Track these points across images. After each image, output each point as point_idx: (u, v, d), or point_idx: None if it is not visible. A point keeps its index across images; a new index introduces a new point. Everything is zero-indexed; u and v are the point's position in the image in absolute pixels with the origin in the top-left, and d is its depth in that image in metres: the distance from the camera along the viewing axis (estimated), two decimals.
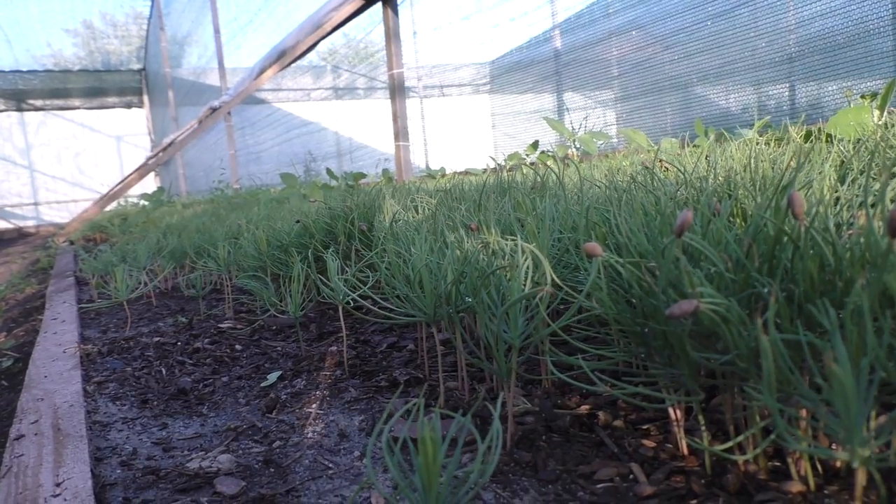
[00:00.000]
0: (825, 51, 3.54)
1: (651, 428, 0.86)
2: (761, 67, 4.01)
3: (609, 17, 5.41)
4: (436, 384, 1.11)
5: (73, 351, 1.50)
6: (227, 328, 1.70)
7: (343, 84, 10.68)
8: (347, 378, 1.20)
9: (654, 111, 5.06)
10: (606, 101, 5.68)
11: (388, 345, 1.39)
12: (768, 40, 3.92)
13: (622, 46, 5.27)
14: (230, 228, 2.56)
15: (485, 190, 1.73)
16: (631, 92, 5.33)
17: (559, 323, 0.73)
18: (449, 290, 0.90)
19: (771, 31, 3.90)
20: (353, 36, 9.08)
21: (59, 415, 1.05)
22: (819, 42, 3.59)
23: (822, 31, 3.56)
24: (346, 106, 10.64)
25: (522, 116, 7.35)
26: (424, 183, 3.63)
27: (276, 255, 1.80)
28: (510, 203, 1.13)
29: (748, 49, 4.07)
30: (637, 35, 5.14)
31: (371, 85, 10.38)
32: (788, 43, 3.83)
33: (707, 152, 1.75)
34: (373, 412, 1.02)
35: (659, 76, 4.95)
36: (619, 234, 0.83)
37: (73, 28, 12.76)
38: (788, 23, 3.83)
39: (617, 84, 5.50)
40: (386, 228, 1.44)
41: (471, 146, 8.73)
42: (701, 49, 4.45)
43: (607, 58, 5.50)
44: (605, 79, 5.64)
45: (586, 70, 5.85)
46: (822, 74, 3.62)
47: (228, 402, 1.16)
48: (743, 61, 4.12)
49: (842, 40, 3.46)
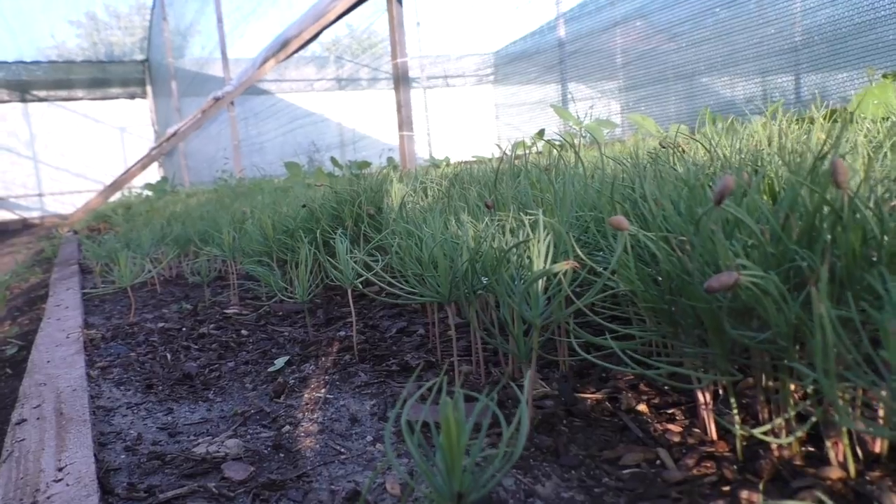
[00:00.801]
0: (832, 40, 3.49)
1: (676, 412, 0.83)
2: (767, 57, 3.96)
3: (613, 5, 5.36)
4: (449, 368, 1.08)
5: (76, 336, 1.47)
6: (233, 314, 1.67)
7: (346, 75, 10.64)
8: (357, 363, 1.16)
9: (658, 101, 5.02)
10: (611, 91, 5.64)
11: (398, 329, 1.35)
12: (774, 29, 3.88)
13: (627, 35, 5.23)
14: (234, 215, 2.52)
15: (499, 170, 1.69)
16: (635, 82, 5.29)
17: (584, 300, 0.69)
18: (465, 268, 0.86)
19: (777, 19, 3.86)
20: (356, 26, 9.02)
21: (61, 399, 1.02)
22: (825, 31, 3.53)
23: (828, 19, 3.51)
24: (349, 96, 10.60)
25: (526, 107, 7.29)
26: (429, 171, 3.59)
27: (283, 241, 1.77)
28: (526, 182, 1.09)
29: (754, 38, 4.03)
30: (642, 24, 5.10)
31: (374, 75, 10.34)
32: (794, 32, 3.79)
33: (722, 135, 1.71)
34: (384, 397, 0.98)
35: (663, 66, 4.91)
36: (644, 207, 0.79)
37: (76, 19, 12.71)
38: (794, 11, 3.78)
39: (622, 74, 5.46)
40: (395, 210, 1.41)
41: (474, 137, 8.68)
42: (706, 38, 4.41)
43: (612, 47, 5.46)
44: (610, 69, 5.59)
45: (591, 60, 5.81)
46: (828, 64, 3.57)
47: (235, 388, 1.13)
48: (748, 51, 4.08)
49: (849, 29, 3.40)
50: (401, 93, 4.44)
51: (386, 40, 8.67)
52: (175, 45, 10.94)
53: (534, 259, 0.73)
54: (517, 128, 7.51)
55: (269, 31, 8.49)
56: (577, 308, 0.70)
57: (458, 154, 6.01)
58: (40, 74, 12.15)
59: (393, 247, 1.21)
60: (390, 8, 4.38)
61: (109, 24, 13.74)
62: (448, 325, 1.24)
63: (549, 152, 4.12)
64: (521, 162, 1.87)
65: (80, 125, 12.51)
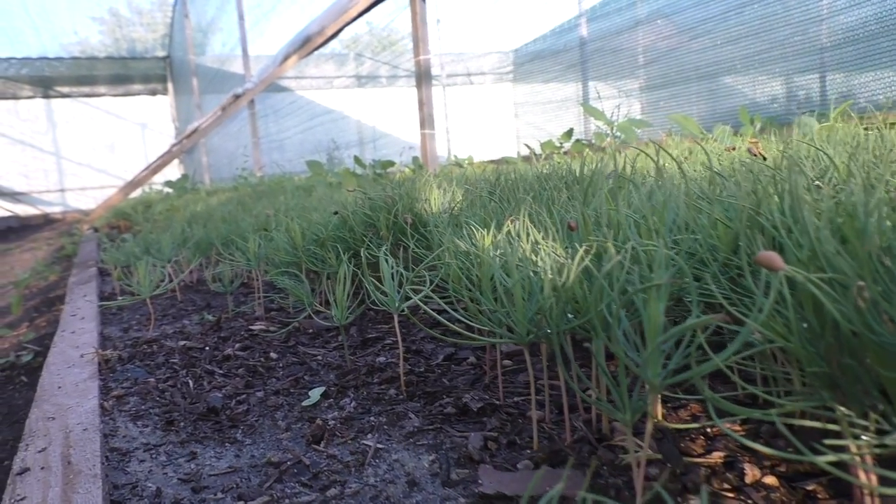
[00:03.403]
0: (859, 40, 3.36)
1: (817, 488, 0.67)
2: (791, 57, 3.84)
3: (635, 5, 5.27)
4: (513, 411, 0.93)
5: (90, 356, 1.35)
6: (259, 330, 1.53)
7: (365, 72, 10.57)
8: (405, 400, 1.02)
9: (679, 101, 4.97)
10: (631, 91, 5.55)
11: (445, 356, 1.21)
12: (799, 29, 3.77)
13: (649, 35, 5.14)
14: (258, 219, 2.40)
15: (543, 179, 1.53)
16: (657, 81, 5.20)
17: (723, 355, 0.54)
18: (548, 305, 0.71)
19: (802, 19, 3.74)
20: (376, 24, 8.94)
21: (70, 442, 0.89)
22: (853, 31, 3.39)
23: (856, 19, 3.37)
24: (369, 94, 10.53)
25: (546, 106, 7.17)
26: (453, 171, 3.43)
27: (312, 251, 1.63)
28: (603, 195, 0.93)
29: (778, 39, 3.93)
30: (664, 23, 5.00)
31: (394, 73, 10.25)
32: (820, 32, 3.66)
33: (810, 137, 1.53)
34: (445, 450, 0.84)
35: (685, 65, 4.88)
36: (787, 237, 0.63)
37: (99, 16, 12.77)
38: (820, 11, 3.66)
39: (643, 73, 5.39)
40: (442, 222, 1.26)
41: (493, 135, 8.56)
42: (729, 38, 4.33)
43: (633, 46, 5.39)
44: (631, 68, 5.53)
45: (612, 59, 5.74)
46: (855, 65, 3.42)
47: (266, 426, 0.99)
48: (772, 51, 4.00)
49: (877, 29, 3.22)
50: (423, 90, 4.30)
51: (405, 38, 8.53)
52: (196, 41, 10.93)
53: (650, 304, 0.57)
54: (537, 126, 7.36)
55: (289, 29, 8.40)
56: (713, 366, 0.55)
57: (478, 153, 5.87)
58: (63, 70, 12.22)
59: (442, 267, 1.07)
60: (413, 4, 4.23)
61: (131, 20, 13.80)
62: (498, 354, 1.09)
63: (582, 152, 3.90)
64: (550, 164, 1.71)
65: (101, 121, 12.57)
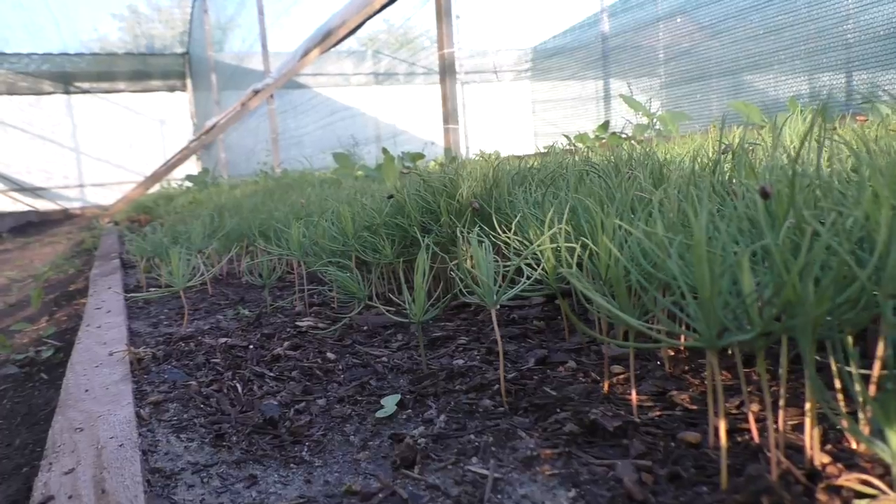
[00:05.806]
0: (886, 37, 3.23)
1: None
2: (815, 54, 3.71)
3: (656, 2, 5.15)
4: (655, 431, 0.73)
5: (121, 354, 1.18)
6: (307, 327, 1.36)
7: (383, 70, 10.53)
8: (507, 413, 0.83)
9: (700, 98, 4.85)
10: (651, 88, 5.44)
11: (536, 360, 1.02)
12: (823, 26, 3.62)
13: (669, 31, 5.04)
14: (292, 208, 2.23)
15: (620, 165, 1.34)
16: (677, 78, 5.09)
17: None
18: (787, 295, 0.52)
19: (826, 16, 3.59)
20: (394, 22, 8.87)
21: (103, 461, 0.71)
22: (879, 28, 3.26)
23: (882, 16, 3.24)
24: (386, 91, 10.48)
25: (565, 103, 7.04)
26: (481, 164, 3.25)
27: (365, 238, 1.45)
28: None
29: (801, 35, 3.81)
30: (685, 20, 4.89)
31: (411, 70, 10.18)
32: (845, 29, 3.53)
33: None
34: (582, 482, 0.65)
35: (706, 62, 4.77)
36: None
37: (118, 12, 12.78)
38: (846, 7, 3.49)
39: (663, 70, 5.29)
40: (507, 198, 1.07)
41: (509, 132, 8.44)
42: (751, 35, 4.21)
43: (654, 43, 5.28)
44: (651, 65, 5.43)
45: (632, 56, 5.65)
46: (881, 62, 3.28)
47: (337, 442, 0.81)
48: (795, 48, 3.88)
49: None
50: (447, 85, 4.15)
51: (422, 35, 8.41)
52: (215, 38, 10.89)
53: None
54: (554, 124, 7.20)
55: (308, 24, 8.30)
56: None
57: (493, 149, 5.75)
58: (83, 66, 12.22)
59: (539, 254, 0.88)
60: None
61: (151, 17, 13.83)
62: (605, 355, 0.90)
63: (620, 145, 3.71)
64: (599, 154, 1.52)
65: (120, 117, 12.57)
